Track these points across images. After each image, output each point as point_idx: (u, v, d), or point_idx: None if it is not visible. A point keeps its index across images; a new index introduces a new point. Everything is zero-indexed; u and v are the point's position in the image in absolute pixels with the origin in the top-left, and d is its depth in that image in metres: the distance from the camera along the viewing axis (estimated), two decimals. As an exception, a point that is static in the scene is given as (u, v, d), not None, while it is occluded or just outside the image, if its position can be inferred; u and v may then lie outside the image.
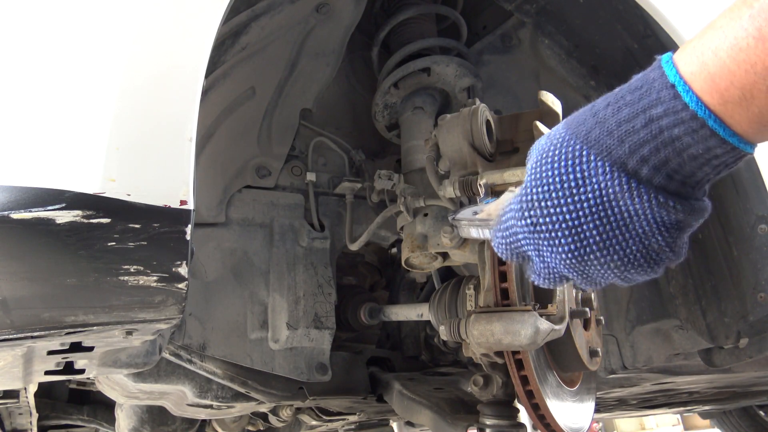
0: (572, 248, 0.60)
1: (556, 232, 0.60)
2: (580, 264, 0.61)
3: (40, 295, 0.85)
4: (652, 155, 0.56)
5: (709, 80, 0.53)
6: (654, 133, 0.55)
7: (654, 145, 0.55)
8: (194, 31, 0.96)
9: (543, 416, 1.21)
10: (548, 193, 0.60)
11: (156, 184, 0.87)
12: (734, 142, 0.54)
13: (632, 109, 0.56)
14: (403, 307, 1.86)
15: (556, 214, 0.60)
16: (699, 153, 0.55)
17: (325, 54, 1.76)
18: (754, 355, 1.45)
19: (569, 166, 0.59)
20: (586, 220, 0.58)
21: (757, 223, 1.39)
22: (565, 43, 1.76)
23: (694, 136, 0.54)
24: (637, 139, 0.56)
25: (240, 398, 1.67)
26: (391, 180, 1.62)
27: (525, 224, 0.63)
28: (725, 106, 0.53)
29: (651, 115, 0.55)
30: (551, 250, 0.62)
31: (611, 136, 0.57)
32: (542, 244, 0.62)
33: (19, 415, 2.41)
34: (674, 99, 0.54)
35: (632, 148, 0.56)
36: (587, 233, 0.59)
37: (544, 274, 0.66)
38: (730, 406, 4.71)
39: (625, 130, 0.56)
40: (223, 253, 1.65)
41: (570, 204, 0.59)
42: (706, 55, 0.54)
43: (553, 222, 0.60)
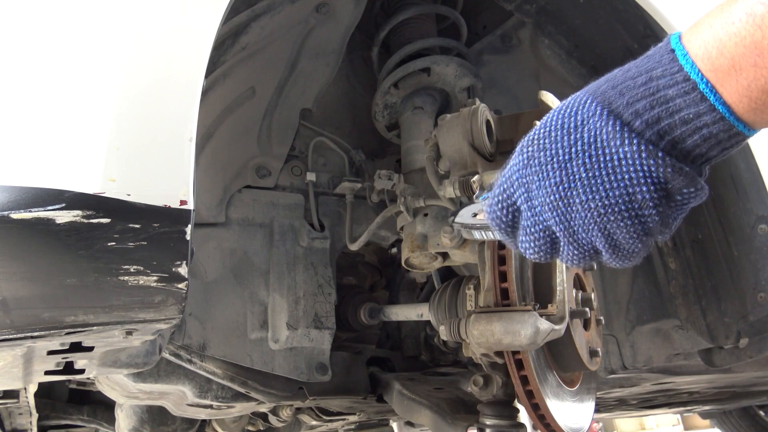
0: (558, 181, 0.63)
1: (546, 165, 0.64)
2: (564, 204, 0.63)
3: (40, 295, 0.85)
4: (646, 111, 0.59)
5: (702, 47, 0.57)
6: (652, 91, 0.59)
7: (649, 101, 0.59)
8: (194, 31, 0.96)
9: (543, 416, 1.21)
10: (548, 133, 0.64)
11: (156, 184, 0.87)
12: (723, 111, 0.57)
13: (638, 70, 0.61)
14: (403, 307, 1.86)
15: (551, 149, 0.64)
16: (690, 117, 0.58)
17: (325, 54, 1.76)
18: (754, 355, 1.45)
19: (573, 112, 0.63)
20: (577, 157, 0.62)
21: (757, 223, 1.39)
22: (565, 43, 1.76)
23: (686, 98, 0.58)
24: (635, 93, 0.60)
25: (240, 398, 1.67)
26: (391, 180, 1.62)
27: (520, 159, 0.67)
28: (715, 74, 0.57)
29: (651, 74, 0.60)
30: (539, 184, 0.65)
31: (615, 90, 0.61)
32: (532, 179, 0.65)
33: (19, 415, 2.41)
34: (672, 62, 0.59)
35: (629, 101, 0.60)
36: (575, 169, 0.62)
37: (531, 226, 0.68)
38: (730, 406, 4.71)
39: (627, 85, 0.61)
40: (223, 253, 1.65)
41: (565, 142, 0.63)
42: (704, 27, 0.58)
43: (546, 156, 0.64)
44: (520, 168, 0.67)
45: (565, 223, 0.64)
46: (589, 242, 0.65)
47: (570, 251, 0.67)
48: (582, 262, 0.68)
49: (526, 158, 0.66)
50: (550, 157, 0.63)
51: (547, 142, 0.64)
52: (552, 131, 0.64)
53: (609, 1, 1.55)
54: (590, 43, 1.70)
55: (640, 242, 0.63)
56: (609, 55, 1.66)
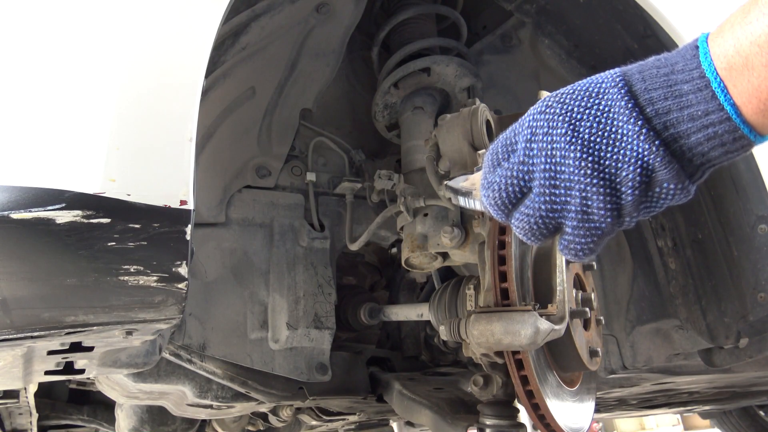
0: (563, 132, 0.66)
1: (559, 116, 0.67)
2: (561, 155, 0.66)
3: (40, 295, 0.85)
4: (659, 100, 0.62)
5: (721, 45, 0.59)
6: (669, 83, 0.62)
7: (664, 92, 0.61)
8: (194, 31, 0.96)
9: (543, 416, 1.21)
10: (573, 91, 0.68)
11: (156, 184, 0.87)
12: (730, 112, 0.58)
13: (666, 60, 0.64)
14: (403, 307, 1.86)
15: (569, 104, 0.67)
16: (698, 114, 0.60)
17: (325, 54, 1.76)
18: (754, 355, 1.45)
19: (600, 81, 0.67)
20: (587, 118, 0.65)
21: (757, 223, 1.39)
22: (565, 43, 1.76)
23: (698, 95, 0.60)
24: (655, 81, 0.62)
25: (240, 398, 1.67)
26: (391, 180, 1.62)
27: (538, 106, 0.70)
28: (729, 72, 0.58)
29: (674, 67, 0.62)
30: (546, 130, 0.67)
31: (640, 74, 0.64)
32: (541, 124, 0.68)
33: (19, 415, 2.41)
34: (693, 58, 0.61)
35: (648, 87, 0.63)
36: (581, 128, 0.65)
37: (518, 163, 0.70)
38: (730, 406, 4.71)
39: (651, 72, 0.63)
40: (223, 253, 1.65)
41: (583, 102, 0.66)
42: (726, 26, 0.60)
43: (563, 109, 0.67)
44: (533, 114, 0.70)
45: (552, 172, 0.67)
46: (562, 201, 0.67)
47: (539, 203, 0.69)
48: (544, 223, 0.70)
49: (543, 106, 0.69)
50: (565, 111, 0.66)
51: (568, 98, 0.67)
52: (577, 91, 0.68)
53: (609, 1, 1.55)
54: (590, 43, 1.70)
55: (609, 218, 0.65)
56: (609, 55, 1.66)
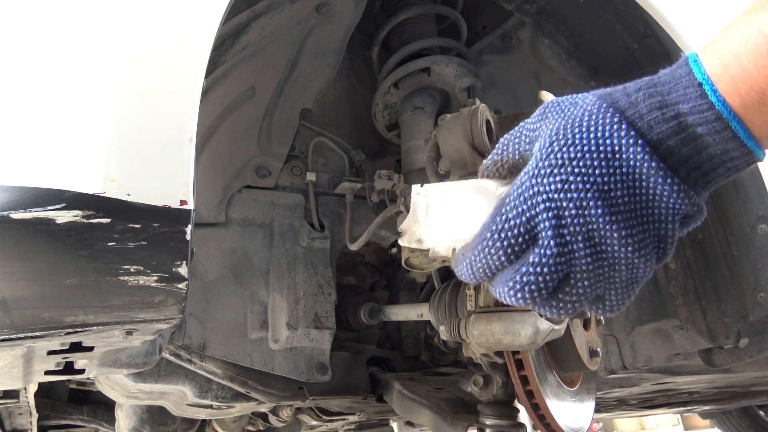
0: (600, 212, 0.57)
1: (587, 192, 0.58)
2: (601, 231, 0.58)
3: (40, 295, 0.85)
4: (677, 148, 0.57)
5: (731, 83, 0.55)
6: (681, 127, 0.57)
7: (678, 139, 0.57)
8: (194, 31, 0.96)
9: (543, 416, 1.21)
10: (582, 154, 0.58)
11: (156, 184, 0.87)
12: (751, 146, 0.56)
13: (662, 99, 0.58)
14: (403, 307, 1.86)
15: (589, 175, 0.58)
16: (717, 153, 0.57)
17: (325, 54, 1.76)
18: (754, 355, 1.45)
19: (607, 133, 0.58)
20: (617, 188, 0.57)
21: (757, 223, 1.39)
22: (565, 43, 1.76)
23: (716, 136, 0.56)
24: (664, 129, 0.57)
25: (240, 398, 1.67)
26: (391, 180, 1.62)
27: (553, 181, 0.59)
28: (745, 110, 0.55)
29: (678, 110, 0.57)
30: (576, 212, 0.58)
31: (642, 120, 0.58)
32: (568, 206, 0.58)
33: (19, 415, 2.41)
34: (701, 98, 0.56)
35: (662, 135, 0.57)
36: (616, 200, 0.57)
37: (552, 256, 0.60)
38: (730, 406, 4.71)
39: (654, 117, 0.58)
40: (223, 253, 1.65)
41: (604, 168, 0.57)
42: (728, 59, 0.55)
43: (585, 182, 0.58)
44: (551, 192, 0.59)
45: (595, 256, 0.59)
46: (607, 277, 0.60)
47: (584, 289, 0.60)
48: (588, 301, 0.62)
49: (560, 180, 0.59)
50: (592, 184, 0.57)
51: (583, 166, 0.58)
52: (587, 152, 0.58)
53: (609, 1, 1.55)
54: (590, 43, 1.70)
55: (650, 272, 0.60)
56: (609, 55, 1.66)
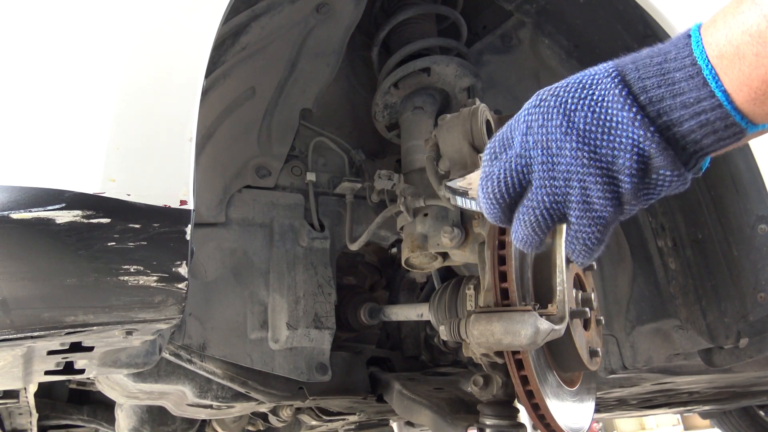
0: (558, 124, 0.67)
1: (553, 109, 0.68)
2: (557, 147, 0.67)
3: (40, 295, 0.85)
4: (653, 88, 0.63)
5: (714, 34, 0.60)
6: (662, 71, 0.63)
7: (657, 80, 0.63)
8: (194, 31, 0.96)
9: (543, 416, 1.21)
10: (566, 85, 0.69)
11: (156, 184, 0.87)
12: (721, 99, 0.60)
13: (658, 50, 0.65)
14: (403, 307, 1.86)
15: (563, 97, 0.68)
16: (690, 102, 0.61)
17: (325, 54, 1.76)
18: (754, 355, 1.45)
19: (593, 73, 0.68)
20: (581, 109, 0.66)
21: (757, 223, 1.39)
22: (565, 43, 1.76)
23: (690, 82, 0.61)
24: (648, 70, 0.64)
25: (240, 398, 1.67)
26: (391, 180, 1.62)
27: (532, 101, 0.71)
28: (720, 60, 0.59)
29: (667, 56, 0.63)
30: (541, 122, 0.69)
31: (633, 63, 0.66)
32: (536, 117, 0.69)
33: (19, 415, 2.41)
34: (685, 47, 0.62)
35: (641, 75, 0.64)
36: (576, 118, 0.66)
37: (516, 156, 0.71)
38: (730, 406, 4.71)
39: (644, 62, 0.65)
40: (223, 253, 1.65)
41: (576, 94, 0.67)
42: (719, 16, 0.61)
43: (557, 102, 0.68)
44: (528, 108, 0.71)
45: (549, 164, 0.68)
46: (563, 192, 0.68)
47: (541, 195, 0.70)
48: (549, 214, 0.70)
49: (537, 99, 0.70)
50: (560, 104, 0.67)
51: (562, 91, 0.68)
52: (570, 84, 0.68)
53: (609, 1, 1.55)
54: (590, 43, 1.70)
55: (610, 206, 0.66)
56: (609, 55, 1.65)
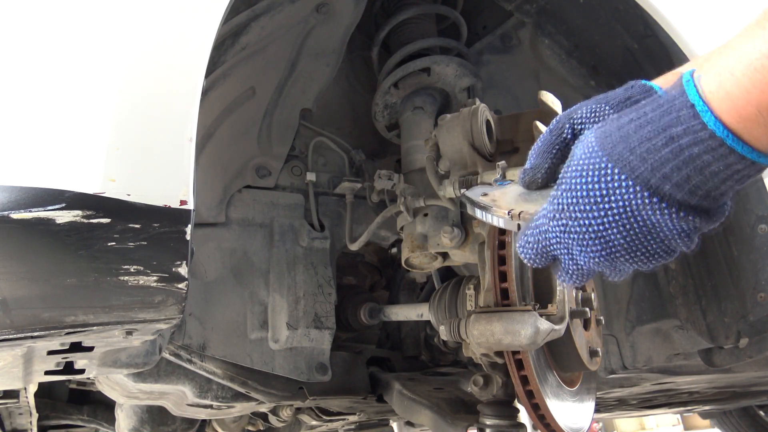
0: (599, 249, 0.65)
1: (584, 235, 0.65)
2: (608, 261, 0.66)
3: (40, 295, 0.85)
4: (674, 173, 0.58)
5: (726, 99, 0.55)
6: (675, 152, 0.58)
7: (675, 163, 0.58)
8: (194, 31, 0.96)
9: (543, 416, 1.21)
10: (576, 199, 0.64)
11: (156, 184, 0.87)
12: (753, 158, 0.57)
13: (654, 127, 0.59)
14: (403, 307, 1.86)
15: (585, 219, 0.64)
16: (720, 169, 0.58)
17: (325, 54, 1.76)
18: (754, 355, 1.45)
19: (596, 178, 0.63)
20: (611, 227, 0.63)
21: (757, 223, 1.39)
22: (565, 43, 1.76)
23: (714, 154, 0.57)
24: (658, 157, 0.58)
25: (240, 398, 1.67)
26: (391, 180, 1.62)
27: (556, 225, 0.67)
28: (743, 124, 0.55)
29: (672, 134, 0.58)
30: (580, 250, 0.66)
31: (633, 153, 0.60)
32: (573, 245, 0.67)
33: (19, 415, 2.41)
34: (693, 119, 0.57)
35: (654, 166, 0.59)
36: (613, 238, 0.63)
37: (573, 271, 0.70)
38: (730, 406, 4.71)
39: (647, 148, 0.59)
40: (223, 253, 1.65)
41: (595, 212, 0.63)
42: (723, 75, 0.56)
43: (581, 226, 0.65)
44: (557, 233, 0.68)
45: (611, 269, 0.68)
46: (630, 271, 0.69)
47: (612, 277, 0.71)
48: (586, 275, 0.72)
49: (562, 224, 0.67)
50: (586, 228, 0.64)
51: (578, 210, 0.64)
52: (580, 198, 0.64)
53: (609, 1, 1.55)
54: (590, 43, 1.70)
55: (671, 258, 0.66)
56: (609, 55, 1.66)
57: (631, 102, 0.77)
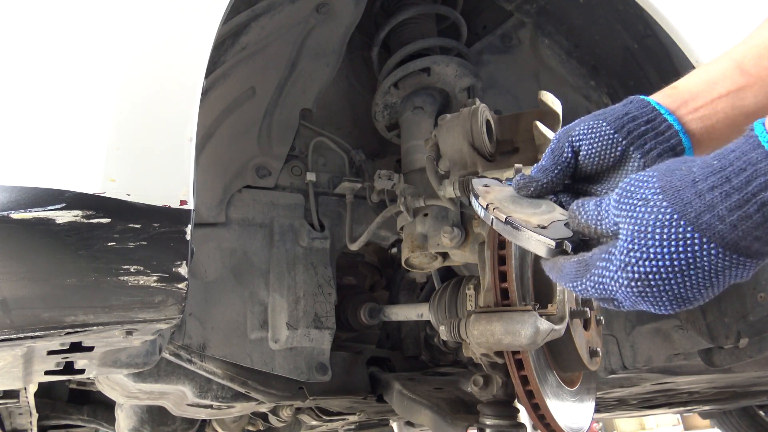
0: (674, 304, 0.65)
1: (660, 296, 0.64)
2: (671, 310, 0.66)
3: (40, 295, 0.85)
4: (765, 234, 0.59)
5: None
6: (767, 215, 0.58)
7: (767, 225, 0.58)
8: (194, 31, 0.96)
9: (543, 416, 1.21)
10: (656, 269, 0.63)
11: (156, 184, 0.87)
12: None
13: (742, 195, 0.59)
14: (403, 307, 1.86)
15: (665, 287, 0.64)
16: None
17: (325, 54, 1.76)
18: (754, 355, 1.45)
19: (681, 248, 0.62)
20: (691, 288, 0.63)
21: (757, 223, 1.38)
22: (565, 43, 1.76)
23: None
24: (750, 223, 0.58)
25: (240, 398, 1.67)
26: (391, 180, 1.62)
27: (629, 290, 0.66)
28: None
29: (763, 199, 0.57)
30: (650, 306, 0.66)
31: (723, 222, 0.60)
32: (641, 301, 0.66)
33: (19, 415, 2.41)
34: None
35: (746, 231, 0.59)
36: (689, 294, 0.63)
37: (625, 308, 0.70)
38: (730, 406, 4.71)
39: (738, 216, 0.59)
40: (223, 253, 1.65)
41: (678, 279, 0.63)
42: None
43: (660, 292, 0.64)
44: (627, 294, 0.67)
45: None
46: None
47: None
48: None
49: (636, 290, 0.66)
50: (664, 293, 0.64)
51: (659, 281, 0.64)
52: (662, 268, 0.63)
53: (609, 1, 1.55)
54: (590, 43, 1.70)
55: None
56: (609, 55, 1.66)
57: (629, 118, 0.77)
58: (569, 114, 1.11)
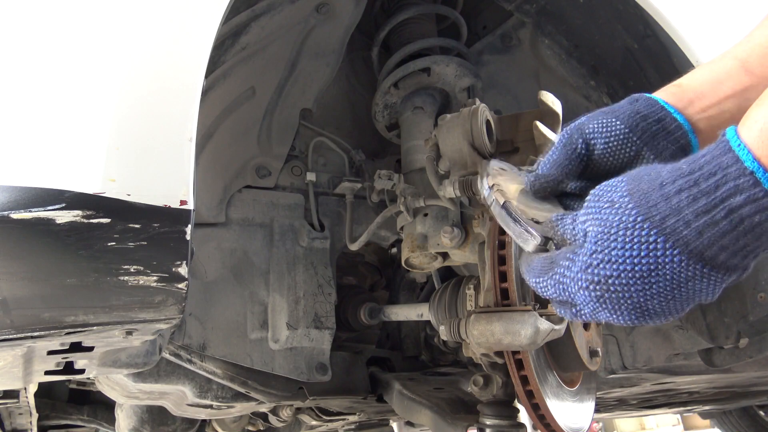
0: (633, 316, 0.63)
1: (620, 304, 0.62)
2: (636, 322, 0.64)
3: (40, 295, 0.85)
4: (731, 243, 0.56)
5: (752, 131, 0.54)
6: (735, 223, 0.55)
7: (735, 234, 0.56)
8: (194, 31, 0.96)
9: (543, 416, 1.21)
10: (617, 272, 0.61)
11: (156, 184, 0.87)
12: None
13: (710, 199, 0.56)
14: (403, 307, 1.86)
15: (623, 292, 0.61)
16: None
17: (325, 54, 1.76)
18: (754, 355, 1.45)
19: (642, 252, 0.59)
20: (653, 297, 0.61)
21: (757, 223, 1.38)
22: (565, 43, 1.76)
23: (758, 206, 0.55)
24: (717, 230, 0.56)
25: (240, 398, 1.67)
26: (391, 180, 1.62)
27: (588, 293, 0.64)
28: None
29: (731, 205, 0.55)
30: (609, 315, 0.64)
31: (688, 227, 0.57)
32: (600, 309, 0.64)
33: (19, 415, 2.41)
34: (754, 187, 0.54)
35: (712, 239, 0.57)
36: (650, 305, 0.61)
37: (586, 319, 0.68)
38: (730, 406, 4.71)
39: (705, 222, 0.56)
40: (223, 253, 1.65)
41: (639, 287, 0.60)
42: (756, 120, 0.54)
43: (620, 299, 0.62)
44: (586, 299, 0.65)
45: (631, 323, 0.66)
46: None
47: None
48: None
49: (595, 295, 0.64)
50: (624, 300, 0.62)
51: (618, 284, 0.61)
52: (622, 271, 0.61)
53: (609, 1, 1.55)
54: (590, 43, 1.70)
55: None
56: (609, 55, 1.66)
57: (640, 117, 0.75)
58: (569, 114, 1.11)
